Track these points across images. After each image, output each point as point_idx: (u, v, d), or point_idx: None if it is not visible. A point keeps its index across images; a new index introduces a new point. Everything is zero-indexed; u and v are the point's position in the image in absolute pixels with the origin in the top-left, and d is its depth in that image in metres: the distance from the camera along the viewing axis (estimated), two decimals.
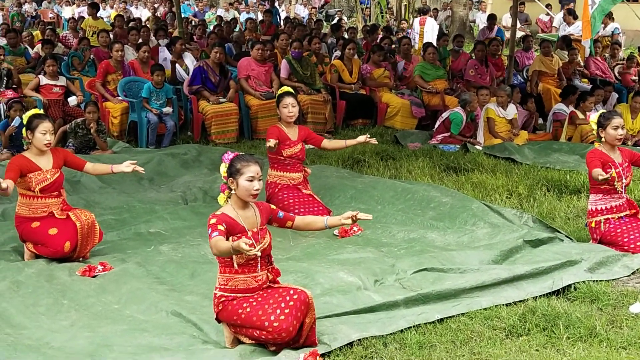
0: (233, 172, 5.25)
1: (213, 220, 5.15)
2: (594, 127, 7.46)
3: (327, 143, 8.93)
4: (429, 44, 15.92)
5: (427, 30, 22.35)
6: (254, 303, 5.21)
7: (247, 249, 4.79)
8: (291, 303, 5.14)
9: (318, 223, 5.71)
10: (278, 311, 5.13)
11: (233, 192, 5.28)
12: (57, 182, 7.35)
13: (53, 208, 7.31)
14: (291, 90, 8.78)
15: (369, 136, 8.65)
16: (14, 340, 5.43)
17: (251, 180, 5.23)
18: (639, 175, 9.65)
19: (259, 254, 5.16)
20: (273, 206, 5.64)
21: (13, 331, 5.66)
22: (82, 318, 5.97)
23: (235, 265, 5.22)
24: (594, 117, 7.48)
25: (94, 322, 5.88)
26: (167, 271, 6.92)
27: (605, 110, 7.63)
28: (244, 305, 5.22)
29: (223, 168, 5.34)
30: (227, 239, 5.14)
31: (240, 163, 5.26)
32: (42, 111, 7.67)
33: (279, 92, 8.74)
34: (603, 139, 7.40)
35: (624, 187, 7.43)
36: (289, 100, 8.55)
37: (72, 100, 12.78)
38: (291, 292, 5.21)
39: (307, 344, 5.25)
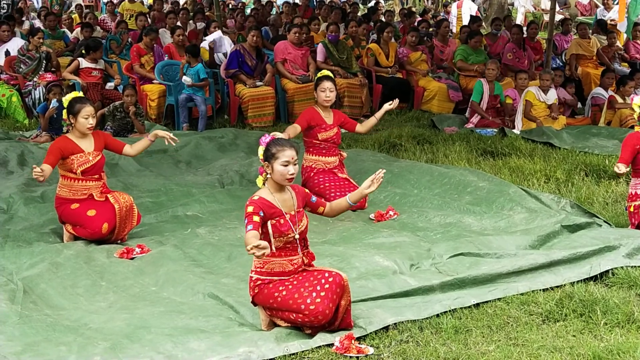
0: (268, 157, 5.26)
1: (250, 209, 5.16)
2: (637, 110, 7.35)
3: (360, 127, 8.91)
4: (468, 27, 15.77)
5: (465, 12, 22.21)
6: (290, 286, 5.23)
7: (253, 246, 4.77)
8: (327, 286, 5.15)
9: (342, 203, 5.69)
10: (314, 294, 5.14)
11: (269, 176, 5.30)
12: (98, 165, 7.42)
13: (93, 191, 7.38)
14: (330, 74, 8.76)
15: (391, 103, 8.70)
16: (53, 321, 5.50)
17: (286, 165, 5.24)
18: None
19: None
20: (307, 190, 5.65)
21: (52, 312, 5.74)
22: (119, 300, 6.04)
23: (273, 248, 5.24)
24: (637, 99, 7.36)
25: (132, 303, 5.94)
26: (204, 254, 6.97)
27: None
28: (280, 288, 5.24)
29: (260, 151, 5.35)
30: (265, 224, 5.18)
31: (275, 147, 5.26)
32: (81, 94, 7.72)
33: (319, 75, 8.72)
34: None
35: None
36: (327, 84, 8.53)
37: (110, 85, 12.89)
38: (326, 275, 5.22)
39: (342, 326, 5.27)
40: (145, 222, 7.78)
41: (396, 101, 8.80)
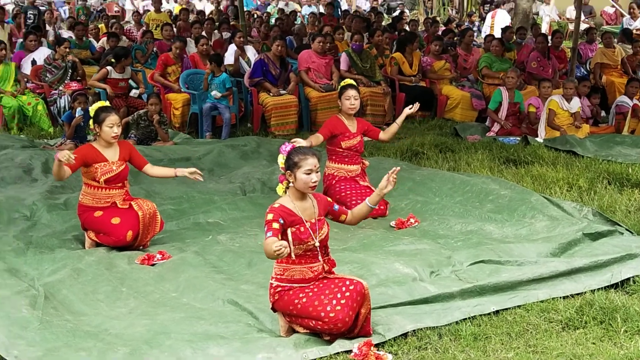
0: (291, 165, 5.27)
1: (270, 216, 5.18)
2: None
3: (383, 134, 8.90)
4: (492, 37, 15.77)
5: (498, 22, 22.21)
6: (310, 293, 5.24)
7: (276, 248, 4.80)
8: (347, 294, 5.16)
9: (363, 209, 5.69)
10: (334, 302, 5.14)
11: (291, 184, 5.31)
12: (122, 174, 7.47)
13: (116, 199, 7.42)
14: (354, 83, 8.78)
15: (411, 107, 8.73)
16: (73, 327, 5.53)
17: (309, 173, 5.26)
18: None
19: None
20: (329, 199, 5.67)
21: (73, 317, 5.77)
22: (140, 305, 6.07)
23: (293, 255, 5.26)
24: None
25: (152, 309, 5.97)
26: (224, 260, 6.99)
27: None
28: (300, 295, 5.26)
29: (280, 159, 5.37)
30: (285, 232, 5.21)
31: (297, 156, 5.28)
32: (108, 103, 7.76)
33: (342, 83, 8.72)
34: None
35: None
36: (351, 92, 8.54)
37: (134, 93, 12.97)
38: (347, 282, 5.22)
39: (361, 334, 5.27)
40: (166, 229, 7.81)
41: (417, 105, 8.79)
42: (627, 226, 7.62)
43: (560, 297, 5.91)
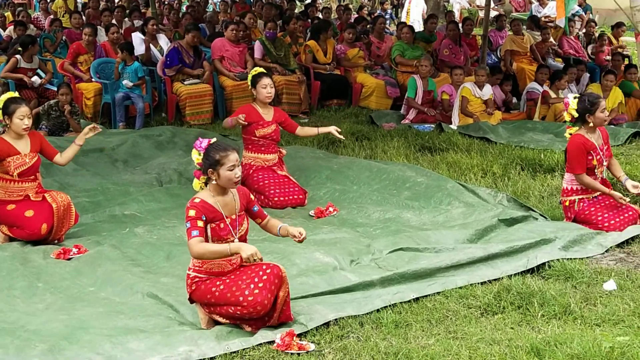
0: (213, 164, 5.23)
1: (192, 213, 5.15)
2: (574, 113, 7.33)
3: (301, 130, 8.88)
4: (403, 24, 15.89)
5: (413, 7, 22.40)
6: (227, 280, 5.24)
7: (248, 254, 4.97)
8: (264, 277, 5.17)
9: (273, 229, 5.66)
10: (252, 285, 5.15)
11: (214, 182, 5.26)
12: (35, 166, 7.31)
13: (29, 191, 7.27)
14: (265, 71, 8.75)
15: (338, 130, 8.64)
16: None
17: (232, 169, 5.23)
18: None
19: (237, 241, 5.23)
20: (253, 196, 5.63)
21: None
22: (57, 301, 5.94)
23: None
24: (573, 103, 7.35)
25: (69, 304, 5.85)
26: (142, 253, 6.91)
27: (579, 94, 7.55)
28: (217, 283, 5.26)
29: (196, 155, 5.31)
30: (206, 228, 5.19)
31: (218, 154, 5.23)
32: (17, 94, 7.56)
33: (253, 72, 8.64)
34: (590, 124, 7.33)
35: (602, 173, 7.46)
36: (267, 80, 8.51)
37: (36, 80, 12.57)
38: (264, 267, 5.24)
39: (282, 319, 5.29)
40: (82, 222, 7.68)
41: (340, 136, 8.75)
42: (541, 211, 7.79)
43: (478, 283, 6.01)
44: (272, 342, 5.06)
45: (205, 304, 5.35)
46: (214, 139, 5.42)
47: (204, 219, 5.16)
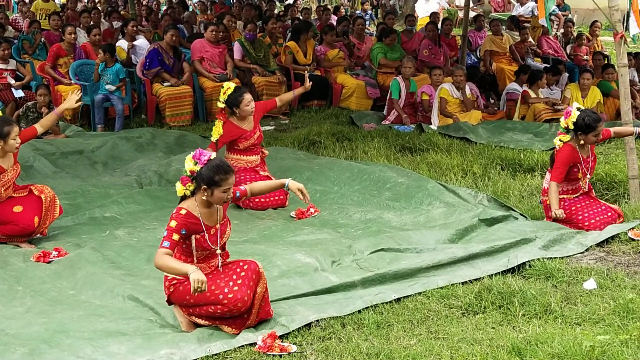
0: (210, 183, 5.21)
1: (173, 224, 5.17)
2: (571, 125, 7.28)
3: (279, 101, 9.20)
4: (390, 30, 15.83)
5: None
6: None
7: (195, 287, 4.89)
8: (242, 274, 5.23)
9: (260, 185, 5.88)
10: (231, 283, 5.20)
11: (204, 197, 5.25)
12: (15, 177, 7.28)
13: (10, 192, 7.23)
14: (237, 84, 8.65)
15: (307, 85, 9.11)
16: None
17: (226, 192, 5.27)
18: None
19: (219, 251, 5.36)
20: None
21: None
22: (37, 304, 5.91)
23: (195, 259, 5.31)
24: (574, 115, 7.26)
25: (50, 308, 5.82)
26: (123, 256, 6.87)
27: (583, 109, 7.40)
28: None
29: (191, 165, 5.27)
30: (189, 238, 5.23)
31: (218, 176, 5.21)
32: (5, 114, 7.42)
33: (228, 91, 8.30)
34: (581, 141, 7.31)
35: (586, 184, 7.48)
36: (248, 96, 8.34)
37: (19, 93, 12.51)
38: (241, 264, 5.30)
39: (262, 315, 5.32)
40: (62, 224, 7.65)
41: (310, 83, 9.18)
42: (521, 211, 7.82)
43: (459, 283, 6.02)
44: (254, 344, 5.05)
45: (185, 306, 5.35)
46: (214, 154, 5.39)
47: (183, 233, 5.18)
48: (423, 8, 23.07)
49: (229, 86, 8.33)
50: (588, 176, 7.49)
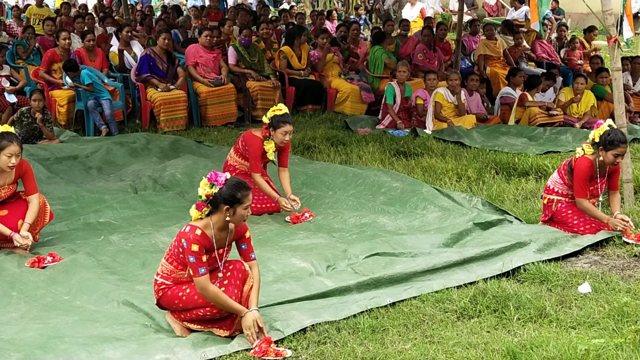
0: (232, 201, 5.20)
1: (195, 248, 5.14)
2: (597, 138, 7.16)
3: (282, 175, 8.35)
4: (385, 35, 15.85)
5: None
6: (193, 284, 5.27)
7: (247, 334, 5.11)
8: (228, 274, 5.30)
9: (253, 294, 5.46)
10: (217, 284, 5.24)
11: (228, 219, 5.24)
12: (6, 197, 7.19)
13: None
14: (287, 112, 8.20)
15: (287, 205, 8.09)
16: None
17: (247, 208, 5.28)
18: None
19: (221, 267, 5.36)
20: (249, 234, 5.54)
21: None
22: (32, 310, 5.90)
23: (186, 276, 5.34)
24: (602, 128, 7.17)
25: (44, 313, 5.81)
26: (117, 261, 6.86)
27: (613, 126, 7.29)
28: (184, 287, 5.33)
29: (207, 188, 5.23)
30: None
31: (240, 192, 5.22)
32: (12, 129, 7.18)
33: (279, 112, 8.06)
34: (600, 157, 7.18)
35: (595, 204, 7.41)
36: (290, 127, 8.11)
37: (12, 97, 12.51)
38: (226, 264, 5.35)
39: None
40: (56, 230, 7.64)
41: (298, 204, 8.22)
42: (515, 215, 7.82)
43: (454, 287, 6.03)
44: (249, 348, 5.05)
45: (175, 310, 5.38)
46: (227, 174, 5.36)
47: (205, 252, 5.20)
48: (408, 13, 23.16)
49: (282, 108, 8.13)
50: (601, 198, 7.44)
